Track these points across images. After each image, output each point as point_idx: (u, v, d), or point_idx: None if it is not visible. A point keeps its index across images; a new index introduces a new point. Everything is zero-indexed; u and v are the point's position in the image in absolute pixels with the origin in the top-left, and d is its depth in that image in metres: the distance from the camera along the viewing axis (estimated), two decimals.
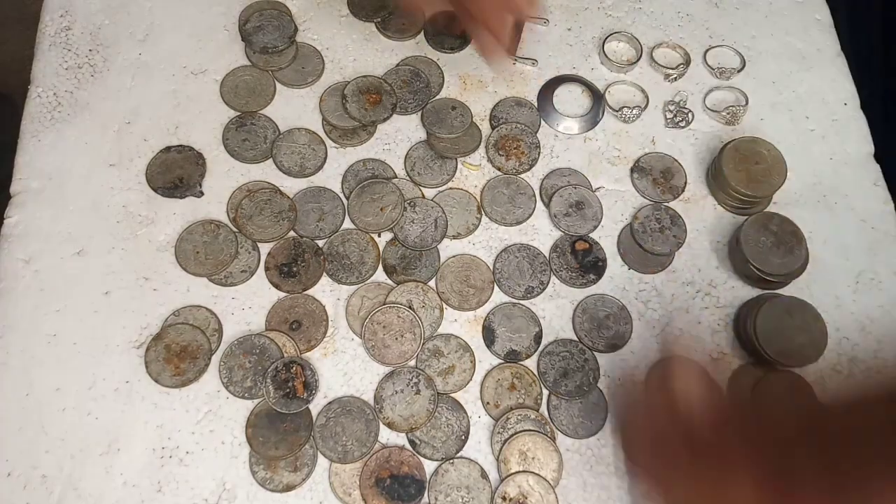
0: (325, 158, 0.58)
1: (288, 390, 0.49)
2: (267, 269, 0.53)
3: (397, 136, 0.59)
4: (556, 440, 0.50)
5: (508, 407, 0.50)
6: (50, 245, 0.54)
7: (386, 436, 0.50)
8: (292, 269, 0.53)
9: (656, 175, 0.58)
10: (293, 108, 0.59)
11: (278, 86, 0.60)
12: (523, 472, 0.48)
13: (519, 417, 0.50)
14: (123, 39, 0.61)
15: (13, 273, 0.53)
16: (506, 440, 0.49)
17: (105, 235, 0.54)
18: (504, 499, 0.48)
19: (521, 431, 0.49)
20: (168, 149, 0.57)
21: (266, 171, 0.57)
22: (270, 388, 0.49)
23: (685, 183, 0.58)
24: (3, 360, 0.50)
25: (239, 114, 0.59)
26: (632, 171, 0.59)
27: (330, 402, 0.50)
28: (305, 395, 0.49)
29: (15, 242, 0.54)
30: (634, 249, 0.56)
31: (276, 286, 0.53)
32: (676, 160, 0.59)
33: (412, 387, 0.50)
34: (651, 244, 0.55)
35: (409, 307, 0.52)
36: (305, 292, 0.53)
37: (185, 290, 0.53)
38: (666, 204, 0.57)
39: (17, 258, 0.53)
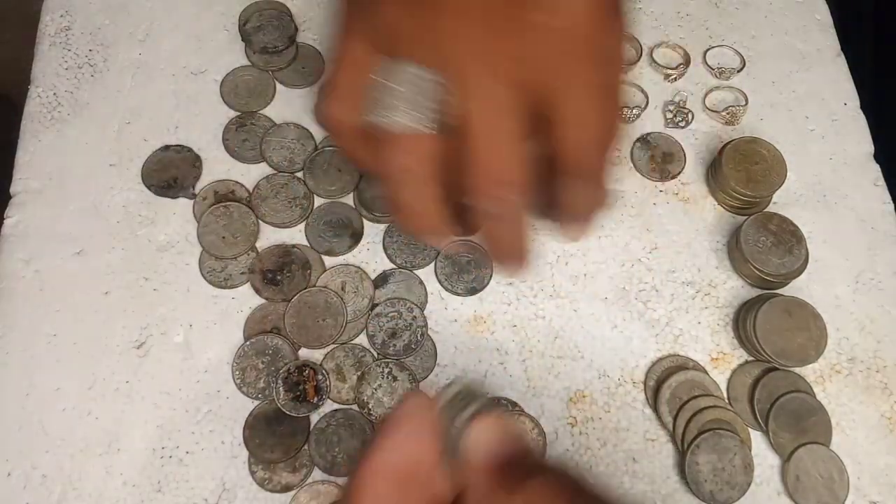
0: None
1: (298, 393, 0.49)
2: (252, 271, 0.53)
3: None
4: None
5: None
6: (50, 245, 0.54)
7: None
8: (276, 277, 0.53)
9: (657, 154, 0.58)
10: (293, 108, 0.59)
11: (278, 86, 0.60)
12: None
13: None
14: (123, 39, 0.61)
15: (13, 273, 0.53)
16: None
17: (105, 235, 0.54)
18: None
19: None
20: (167, 147, 0.57)
21: (266, 172, 0.57)
22: (281, 391, 0.49)
23: (679, 172, 0.58)
24: (3, 360, 0.50)
25: (239, 114, 0.59)
26: (637, 140, 0.59)
27: (335, 410, 0.50)
28: (316, 399, 0.49)
29: (15, 242, 0.54)
30: None
31: (257, 290, 0.52)
32: (683, 150, 0.59)
33: (387, 377, 0.50)
34: None
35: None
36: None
37: (185, 289, 0.53)
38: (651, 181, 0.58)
39: (17, 258, 0.53)
